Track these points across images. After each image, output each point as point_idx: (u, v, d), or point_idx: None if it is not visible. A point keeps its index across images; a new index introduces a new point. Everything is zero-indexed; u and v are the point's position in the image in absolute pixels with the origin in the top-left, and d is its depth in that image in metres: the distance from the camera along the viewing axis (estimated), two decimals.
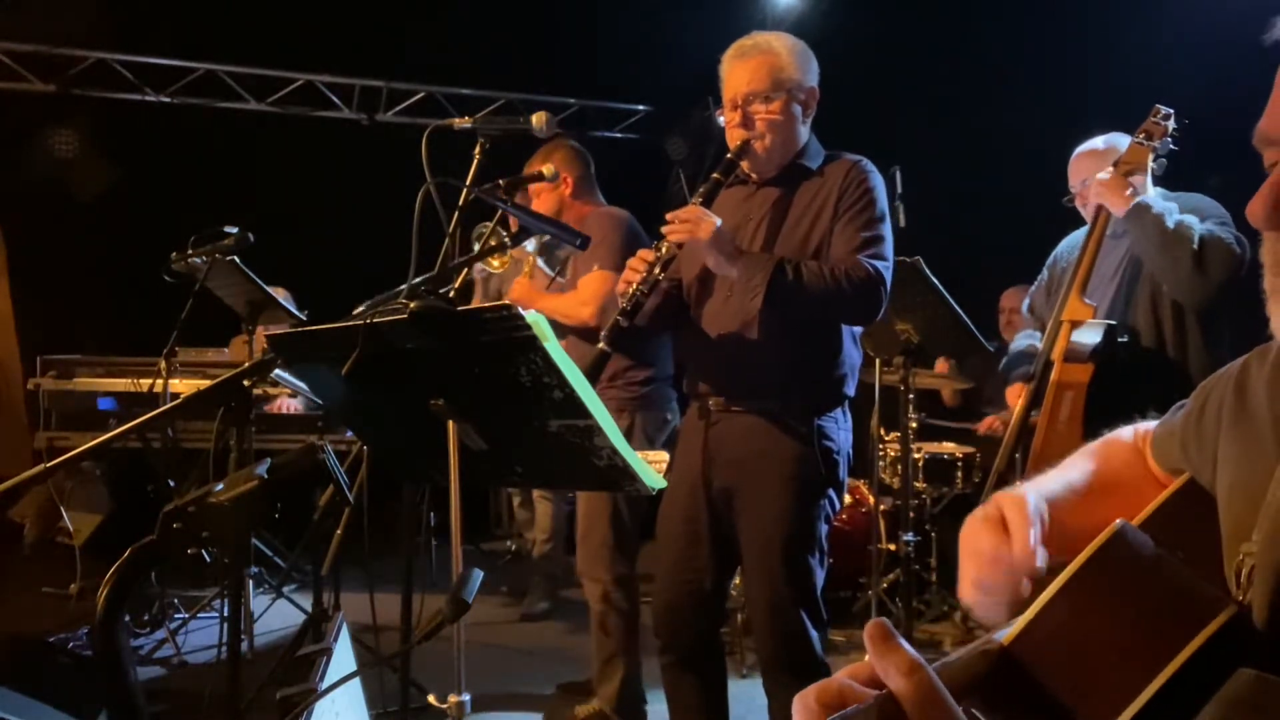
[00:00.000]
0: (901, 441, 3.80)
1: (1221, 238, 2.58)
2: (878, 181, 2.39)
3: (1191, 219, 2.62)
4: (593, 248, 3.20)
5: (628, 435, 3.08)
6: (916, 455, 4.38)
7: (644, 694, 3.18)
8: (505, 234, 2.80)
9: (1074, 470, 1.08)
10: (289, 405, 5.08)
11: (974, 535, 0.97)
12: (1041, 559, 0.91)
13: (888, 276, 2.30)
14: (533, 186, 3.34)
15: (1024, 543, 0.91)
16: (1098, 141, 2.95)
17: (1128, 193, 2.64)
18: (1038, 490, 1.02)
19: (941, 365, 5.05)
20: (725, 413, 2.42)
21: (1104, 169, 2.78)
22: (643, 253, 2.33)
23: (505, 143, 2.36)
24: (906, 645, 0.66)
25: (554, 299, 3.30)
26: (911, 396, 3.75)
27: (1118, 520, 0.78)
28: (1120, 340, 2.72)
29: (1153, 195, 2.69)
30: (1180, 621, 0.71)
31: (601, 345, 2.27)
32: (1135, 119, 2.80)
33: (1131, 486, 1.06)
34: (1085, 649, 0.72)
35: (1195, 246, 2.55)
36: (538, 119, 2.34)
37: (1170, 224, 2.58)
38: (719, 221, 2.28)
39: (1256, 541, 0.79)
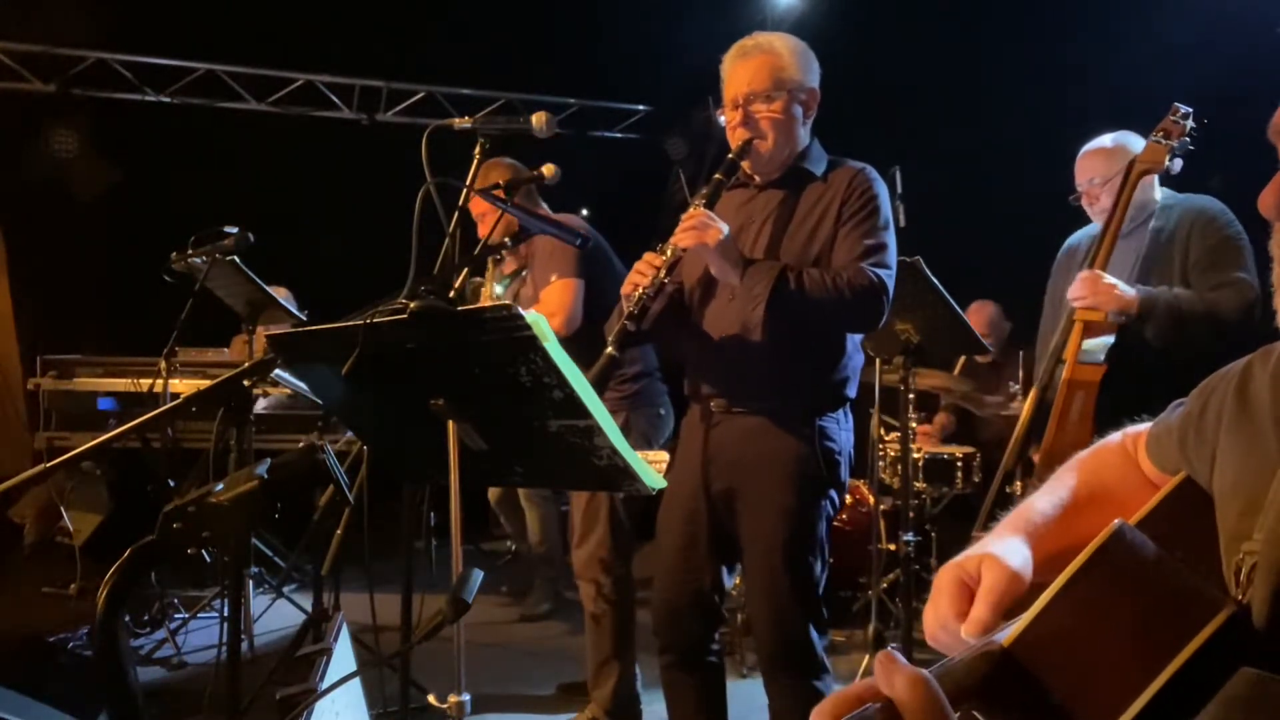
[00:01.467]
0: (901, 441, 3.79)
1: (1219, 302, 2.58)
2: (882, 189, 2.39)
3: (1187, 294, 2.62)
4: (549, 258, 3.23)
5: (623, 434, 3.09)
6: (916, 455, 4.38)
7: (639, 695, 3.18)
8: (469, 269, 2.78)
9: (1062, 487, 1.08)
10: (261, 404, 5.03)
11: (942, 590, 0.95)
12: (993, 634, 0.90)
13: (890, 285, 2.30)
14: (477, 209, 3.28)
15: (977, 624, 0.89)
16: (1106, 140, 2.92)
17: (1118, 292, 2.60)
18: (1030, 520, 1.01)
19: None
20: (726, 414, 2.42)
21: (1112, 168, 2.74)
22: (648, 256, 2.32)
23: (505, 143, 2.36)
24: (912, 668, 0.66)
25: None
26: (912, 396, 3.75)
27: (1116, 520, 0.78)
28: (1132, 340, 2.71)
29: (1141, 288, 2.64)
30: (1180, 621, 0.71)
31: (610, 350, 2.26)
32: (1135, 118, 2.80)
33: (1120, 495, 1.05)
34: (1085, 649, 0.72)
35: (1205, 311, 2.57)
36: (538, 119, 2.34)
37: (1180, 306, 2.58)
38: (726, 228, 2.28)
39: (1258, 541, 0.79)
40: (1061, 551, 0.95)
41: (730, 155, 2.38)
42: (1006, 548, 0.96)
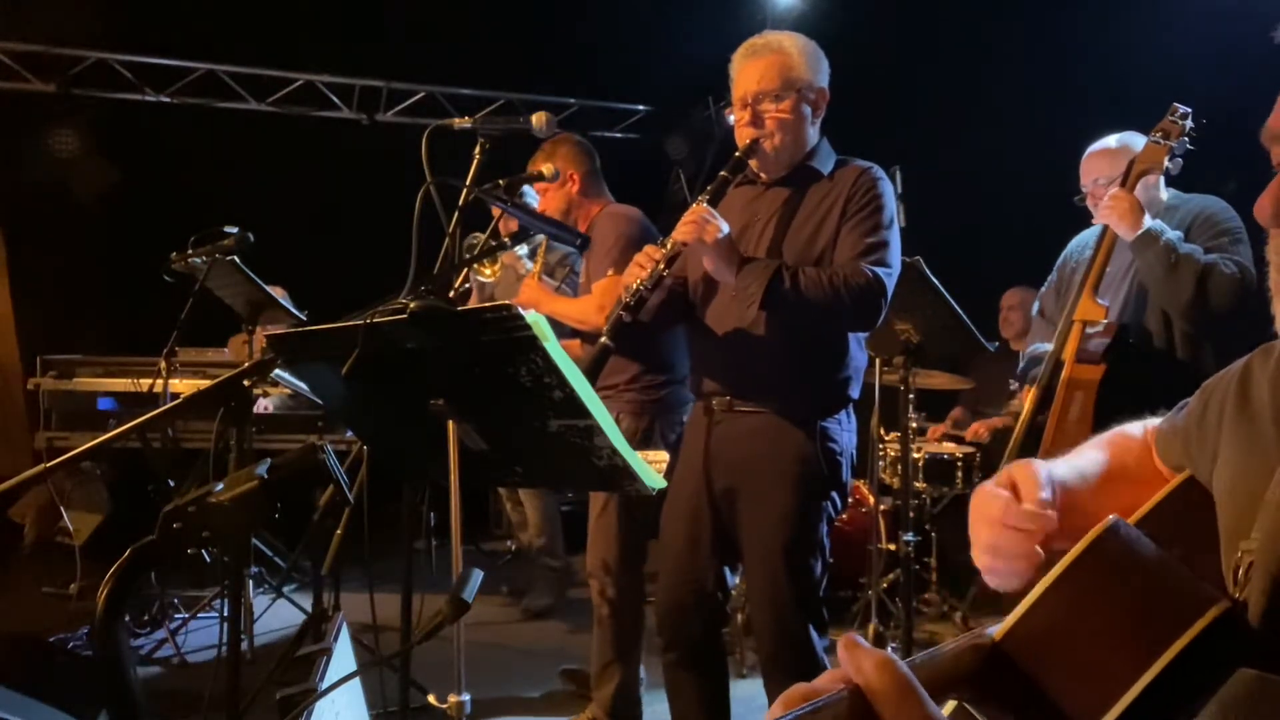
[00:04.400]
0: (901, 441, 3.79)
1: (1224, 271, 2.56)
2: (887, 189, 2.38)
3: (1195, 249, 2.60)
4: (606, 251, 3.15)
5: (646, 438, 3.06)
6: (916, 455, 4.38)
7: (641, 699, 3.18)
8: (496, 242, 2.78)
9: (1085, 458, 1.08)
10: (262, 405, 5.03)
11: (984, 501, 0.98)
12: (1052, 519, 0.93)
13: (889, 284, 2.29)
14: (539, 185, 3.32)
15: (1034, 500, 0.92)
16: (1110, 140, 2.92)
17: (1135, 217, 2.60)
18: (1049, 468, 1.02)
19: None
20: (729, 413, 2.42)
21: (1117, 169, 2.75)
22: (649, 248, 2.32)
23: (505, 143, 2.36)
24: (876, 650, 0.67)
25: (565, 302, 3.27)
26: (912, 396, 3.75)
27: (1111, 515, 0.78)
28: (1131, 341, 2.71)
29: (1159, 222, 2.65)
30: (1172, 616, 0.71)
31: (604, 339, 2.26)
32: (1137, 118, 2.79)
33: (1139, 479, 1.05)
34: (1076, 643, 0.72)
35: (1198, 279, 2.56)
36: (538, 119, 2.34)
37: (1175, 256, 2.57)
38: (725, 226, 2.27)
39: (1256, 539, 0.79)
40: (1078, 514, 0.96)
41: (737, 154, 2.38)
42: (1028, 463, 0.99)
